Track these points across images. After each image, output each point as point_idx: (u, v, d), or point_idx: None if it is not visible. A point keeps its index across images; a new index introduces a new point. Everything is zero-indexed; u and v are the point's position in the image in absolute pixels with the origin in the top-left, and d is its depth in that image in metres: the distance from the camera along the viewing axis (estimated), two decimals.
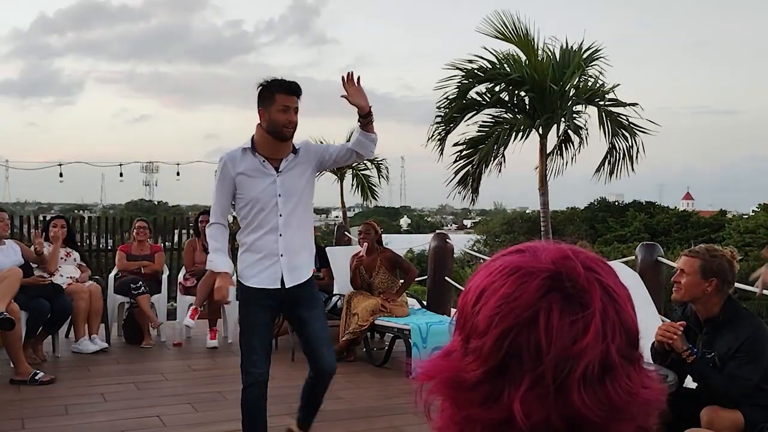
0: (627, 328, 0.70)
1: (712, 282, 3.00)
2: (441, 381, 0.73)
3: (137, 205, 51.49)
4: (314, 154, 3.45)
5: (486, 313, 0.71)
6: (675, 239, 30.78)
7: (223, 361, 6.11)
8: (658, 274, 5.68)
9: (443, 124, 9.20)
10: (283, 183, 3.33)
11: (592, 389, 0.67)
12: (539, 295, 0.69)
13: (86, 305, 6.07)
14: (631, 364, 0.70)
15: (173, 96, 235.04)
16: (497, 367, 0.69)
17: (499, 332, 0.69)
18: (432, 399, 0.74)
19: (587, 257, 0.73)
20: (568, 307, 0.68)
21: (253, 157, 3.34)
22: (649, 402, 0.70)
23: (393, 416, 4.56)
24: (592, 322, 0.68)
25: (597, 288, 0.70)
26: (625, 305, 0.71)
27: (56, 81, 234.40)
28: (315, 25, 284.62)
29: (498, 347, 0.69)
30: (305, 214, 3.45)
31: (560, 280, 0.70)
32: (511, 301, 0.70)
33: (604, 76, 8.95)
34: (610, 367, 0.68)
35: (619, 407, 0.68)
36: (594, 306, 0.69)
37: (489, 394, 0.69)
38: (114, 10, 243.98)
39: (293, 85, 3.33)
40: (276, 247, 3.35)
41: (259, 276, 3.39)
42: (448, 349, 0.75)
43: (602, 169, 9.24)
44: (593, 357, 0.67)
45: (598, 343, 0.67)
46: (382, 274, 6.28)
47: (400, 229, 56.54)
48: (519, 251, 0.75)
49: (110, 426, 4.31)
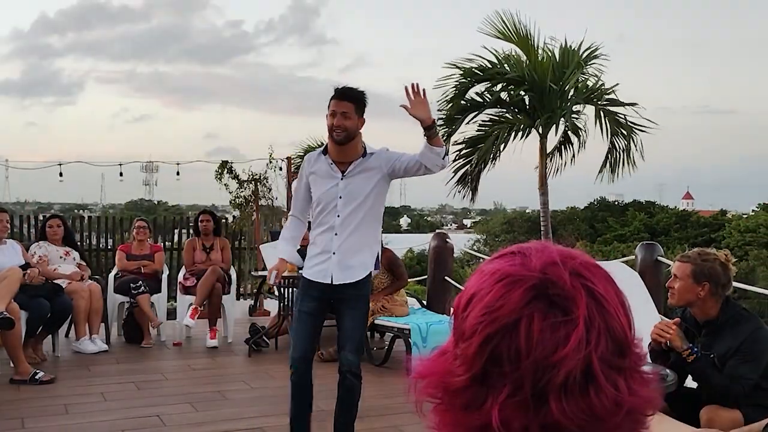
0: (615, 335, 0.69)
1: (704, 286, 3.02)
2: (431, 382, 0.74)
3: (137, 204, 51.45)
4: (386, 160, 3.55)
5: (472, 320, 0.71)
6: (675, 239, 30.80)
7: (223, 361, 6.11)
8: (658, 273, 5.68)
9: (445, 125, 9.21)
10: (346, 186, 3.51)
11: (574, 399, 0.66)
12: (523, 304, 0.69)
13: (87, 305, 6.07)
14: (618, 372, 0.68)
15: (173, 95, 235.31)
16: (480, 373, 0.69)
17: (481, 339, 0.69)
18: (423, 398, 0.75)
19: (578, 263, 0.72)
20: (550, 314, 0.68)
21: (325, 159, 3.58)
22: (636, 410, 0.68)
23: (393, 416, 4.56)
24: (575, 330, 0.67)
25: (583, 295, 0.69)
26: (615, 312, 0.70)
27: (57, 81, 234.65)
28: (314, 25, 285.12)
29: (480, 353, 0.69)
30: (368, 217, 3.56)
31: (546, 287, 0.69)
32: (494, 310, 0.70)
33: (605, 75, 8.97)
34: (592, 376, 0.66)
35: (602, 417, 0.66)
36: (578, 313, 0.68)
37: (473, 399, 0.70)
38: (114, 10, 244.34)
39: (341, 90, 3.50)
40: (331, 245, 3.54)
41: (312, 269, 3.60)
42: (443, 348, 0.76)
43: (604, 169, 9.25)
44: (574, 365, 0.66)
45: (580, 351, 0.66)
46: (381, 275, 6.27)
47: (400, 228, 56.58)
48: (512, 254, 0.75)
49: (110, 425, 4.31)
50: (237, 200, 9.50)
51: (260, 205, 9.31)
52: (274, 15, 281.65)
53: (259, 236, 9.13)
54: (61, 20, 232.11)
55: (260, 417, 4.47)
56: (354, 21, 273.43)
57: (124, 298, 6.66)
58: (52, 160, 9.93)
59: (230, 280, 6.93)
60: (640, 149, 9.00)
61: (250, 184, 9.39)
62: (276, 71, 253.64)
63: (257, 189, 9.35)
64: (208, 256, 7.01)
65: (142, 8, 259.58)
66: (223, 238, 7.31)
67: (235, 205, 9.62)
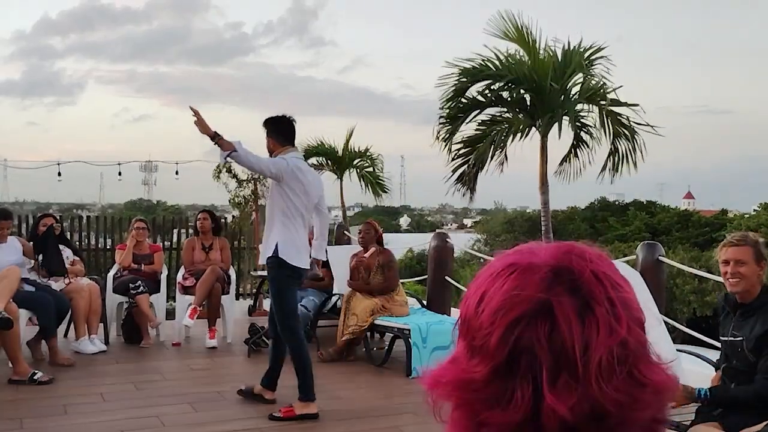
0: (636, 317, 0.71)
1: (762, 265, 2.98)
2: (448, 382, 0.72)
3: (136, 204, 51.47)
4: None
5: (490, 311, 0.70)
6: (676, 238, 30.75)
7: (222, 361, 6.10)
8: (659, 273, 5.66)
9: (448, 124, 9.20)
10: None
11: (610, 379, 0.66)
12: (545, 287, 0.68)
13: (86, 305, 6.06)
14: (643, 351, 0.70)
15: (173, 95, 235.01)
16: (505, 363, 0.68)
17: (505, 325, 0.68)
18: (441, 401, 0.73)
19: (586, 251, 0.73)
20: (575, 298, 0.68)
21: None
22: (661, 391, 0.70)
23: (393, 416, 4.55)
24: (601, 315, 0.68)
25: (600, 280, 0.70)
26: (629, 296, 0.71)
27: (57, 81, 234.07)
28: (313, 27, 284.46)
29: (504, 341, 0.68)
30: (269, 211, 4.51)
31: (562, 273, 0.69)
32: (516, 295, 0.69)
33: (610, 75, 8.95)
34: (624, 357, 0.67)
35: (635, 397, 0.67)
36: (600, 297, 0.68)
37: (500, 394, 0.68)
38: (117, 12, 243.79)
39: None
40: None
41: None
42: (453, 357, 0.74)
43: (606, 169, 9.24)
44: (607, 347, 0.67)
45: (609, 333, 0.67)
46: (377, 275, 6.25)
47: (400, 228, 56.56)
48: (516, 252, 0.75)
49: (109, 426, 4.29)
50: (236, 200, 9.49)
51: (259, 204, 9.30)
52: (273, 17, 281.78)
53: (258, 236, 9.11)
54: (63, 21, 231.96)
55: (260, 417, 4.45)
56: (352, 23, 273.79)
57: (123, 298, 6.64)
58: (52, 160, 9.93)
59: (229, 279, 6.91)
60: (641, 149, 8.99)
61: (249, 184, 9.38)
62: (276, 70, 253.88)
63: (256, 188, 9.34)
64: (207, 255, 6.99)
65: (144, 10, 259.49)
66: (222, 238, 7.29)
67: (234, 204, 9.61)
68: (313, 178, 4.61)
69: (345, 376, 5.60)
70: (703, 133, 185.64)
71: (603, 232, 34.17)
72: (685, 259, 20.91)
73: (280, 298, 4.42)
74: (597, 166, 9.42)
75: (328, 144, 12.40)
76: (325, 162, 12.59)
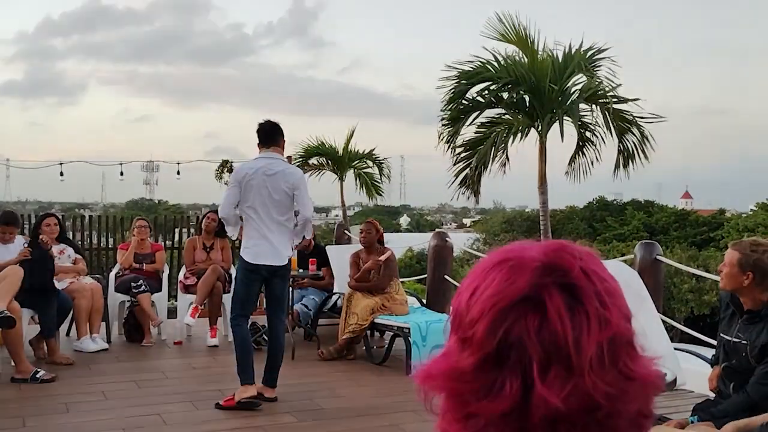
0: (624, 313, 0.72)
1: (749, 276, 2.98)
2: (439, 374, 0.73)
3: (138, 203, 51.41)
4: None
5: (481, 303, 0.71)
6: (674, 238, 30.78)
7: (223, 360, 6.11)
8: (657, 272, 5.68)
9: (450, 125, 9.23)
10: None
11: (602, 372, 0.68)
12: (535, 281, 0.70)
13: (88, 304, 6.08)
14: (631, 346, 0.72)
15: (174, 96, 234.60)
16: (494, 355, 0.69)
17: (493, 316, 0.69)
18: (432, 393, 0.74)
19: (576, 249, 0.74)
20: (565, 293, 0.69)
21: None
22: (648, 384, 0.71)
23: (393, 414, 4.57)
24: (592, 309, 0.69)
25: (589, 276, 0.71)
26: (618, 292, 0.73)
27: (59, 82, 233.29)
28: (313, 28, 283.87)
29: (493, 332, 0.69)
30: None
31: (553, 269, 0.71)
32: (506, 287, 0.70)
33: (616, 76, 8.98)
34: (613, 351, 0.69)
35: (624, 389, 0.69)
36: (590, 293, 0.70)
37: (489, 385, 0.69)
38: (118, 13, 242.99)
39: None
40: None
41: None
42: (444, 351, 0.75)
43: (618, 166, 9.30)
44: (598, 341, 0.68)
45: (600, 327, 0.69)
46: (377, 272, 6.27)
47: (400, 227, 56.56)
48: (507, 250, 0.76)
49: (111, 424, 4.32)
50: None
51: None
52: (274, 18, 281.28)
53: None
54: (65, 22, 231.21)
55: (261, 416, 4.49)
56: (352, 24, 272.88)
57: (124, 297, 6.67)
58: (54, 160, 9.96)
59: (230, 279, 6.93)
60: (649, 141, 9.07)
61: None
62: (276, 70, 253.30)
63: None
64: (208, 255, 7.02)
65: (145, 11, 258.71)
66: (223, 238, 7.30)
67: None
68: (274, 173, 4.66)
69: (345, 375, 5.63)
70: (702, 133, 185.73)
71: (601, 231, 34.18)
72: (683, 258, 20.95)
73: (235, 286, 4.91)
74: (603, 164, 9.48)
75: (328, 144, 12.43)
76: (325, 162, 12.62)
